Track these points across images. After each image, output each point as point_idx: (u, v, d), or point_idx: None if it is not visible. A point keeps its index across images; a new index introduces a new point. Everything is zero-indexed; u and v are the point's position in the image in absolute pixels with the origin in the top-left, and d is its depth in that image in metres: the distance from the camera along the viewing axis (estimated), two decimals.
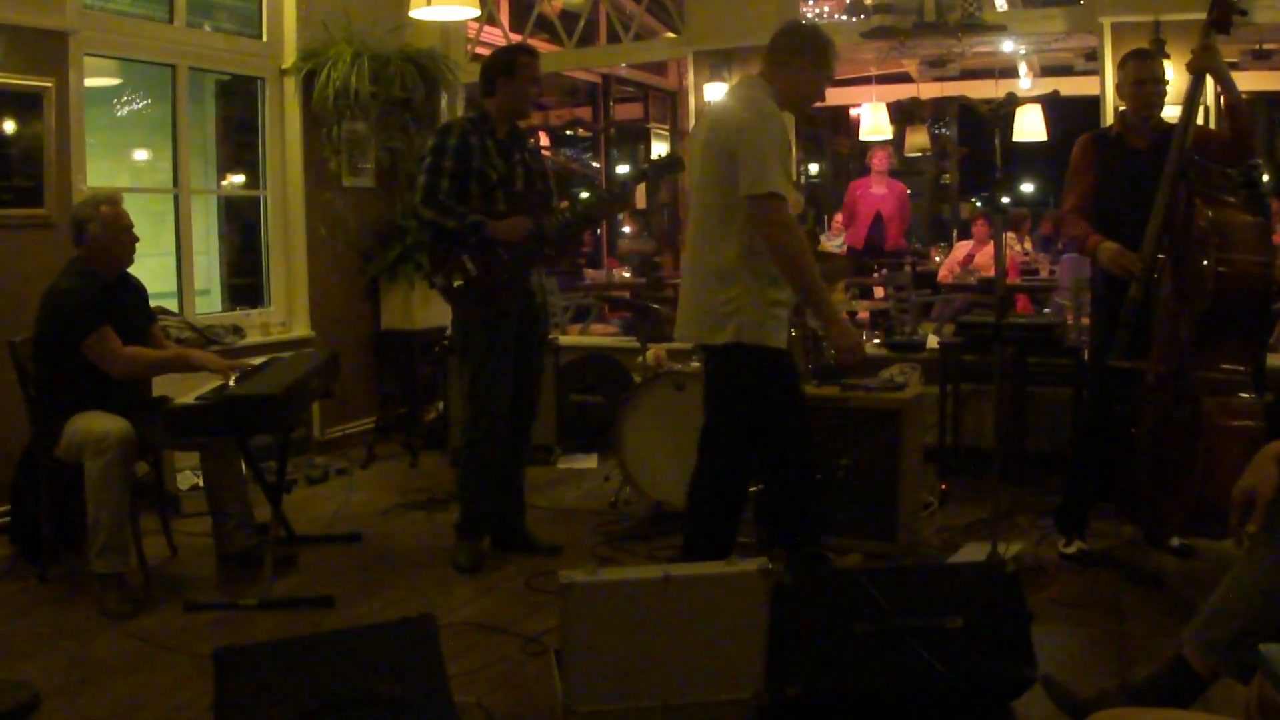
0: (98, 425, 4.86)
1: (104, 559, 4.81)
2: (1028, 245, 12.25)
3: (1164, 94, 5.09)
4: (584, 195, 6.08)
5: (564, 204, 5.52)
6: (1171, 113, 6.17)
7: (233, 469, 5.43)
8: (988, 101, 5.55)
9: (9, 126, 6.04)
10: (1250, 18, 6.54)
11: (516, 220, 5.22)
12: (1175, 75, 6.61)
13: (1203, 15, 4.69)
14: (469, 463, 5.44)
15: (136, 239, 5.25)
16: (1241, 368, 4.42)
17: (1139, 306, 4.72)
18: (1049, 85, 10.04)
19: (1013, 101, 5.15)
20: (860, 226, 11.35)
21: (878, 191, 11.36)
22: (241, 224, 8.63)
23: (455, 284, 5.26)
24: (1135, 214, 4.77)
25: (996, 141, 5.11)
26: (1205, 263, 4.37)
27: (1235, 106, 4.77)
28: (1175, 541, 5.15)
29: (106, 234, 5.11)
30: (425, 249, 5.56)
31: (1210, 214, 4.42)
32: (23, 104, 6.08)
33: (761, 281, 4.19)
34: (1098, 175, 5.10)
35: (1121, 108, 5.17)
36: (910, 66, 12.40)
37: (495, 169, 5.27)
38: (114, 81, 8.07)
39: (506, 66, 5.27)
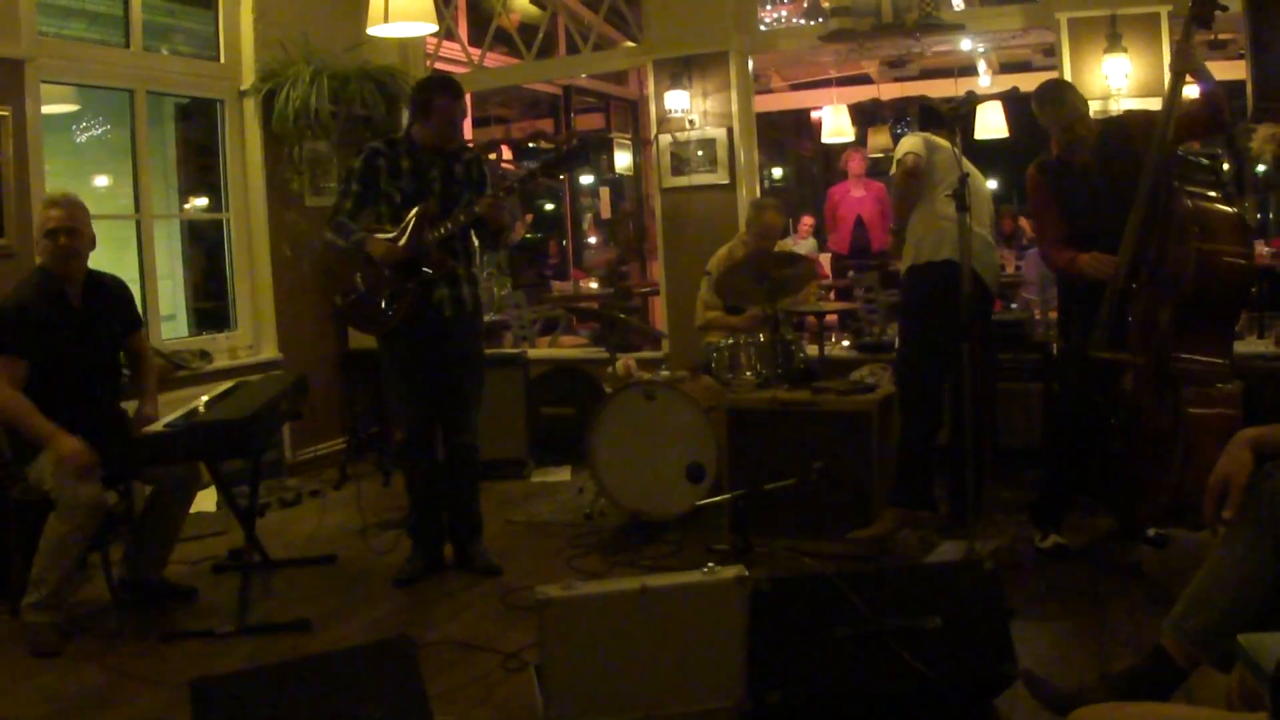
0: (71, 488, 4.69)
1: (40, 613, 4.70)
2: None
3: (1091, 129, 5.11)
4: (549, 207, 6.09)
5: (529, 218, 5.54)
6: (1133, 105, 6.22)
7: (182, 510, 5.29)
8: (948, 100, 5.57)
9: None
10: None
11: (390, 246, 5.19)
12: (1134, 69, 6.67)
13: (1157, 8, 4.70)
14: (404, 475, 5.66)
15: (68, 244, 4.87)
16: (1220, 359, 4.46)
17: (1119, 298, 4.74)
18: (1008, 82, 10.10)
19: (972, 100, 5.22)
20: (843, 231, 11.35)
21: (856, 194, 11.37)
22: (205, 247, 8.60)
23: (337, 302, 5.44)
24: (1107, 226, 4.82)
25: (957, 140, 5.13)
26: (1186, 251, 4.41)
27: (1212, 93, 4.77)
28: (1151, 532, 5.18)
29: (36, 238, 4.96)
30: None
31: (1190, 204, 4.46)
32: None
33: None
34: (1060, 203, 5.14)
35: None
36: (870, 68, 12.45)
37: (400, 190, 5.29)
38: (72, 108, 8.03)
39: (423, 107, 5.32)
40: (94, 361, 5.04)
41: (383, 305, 5.27)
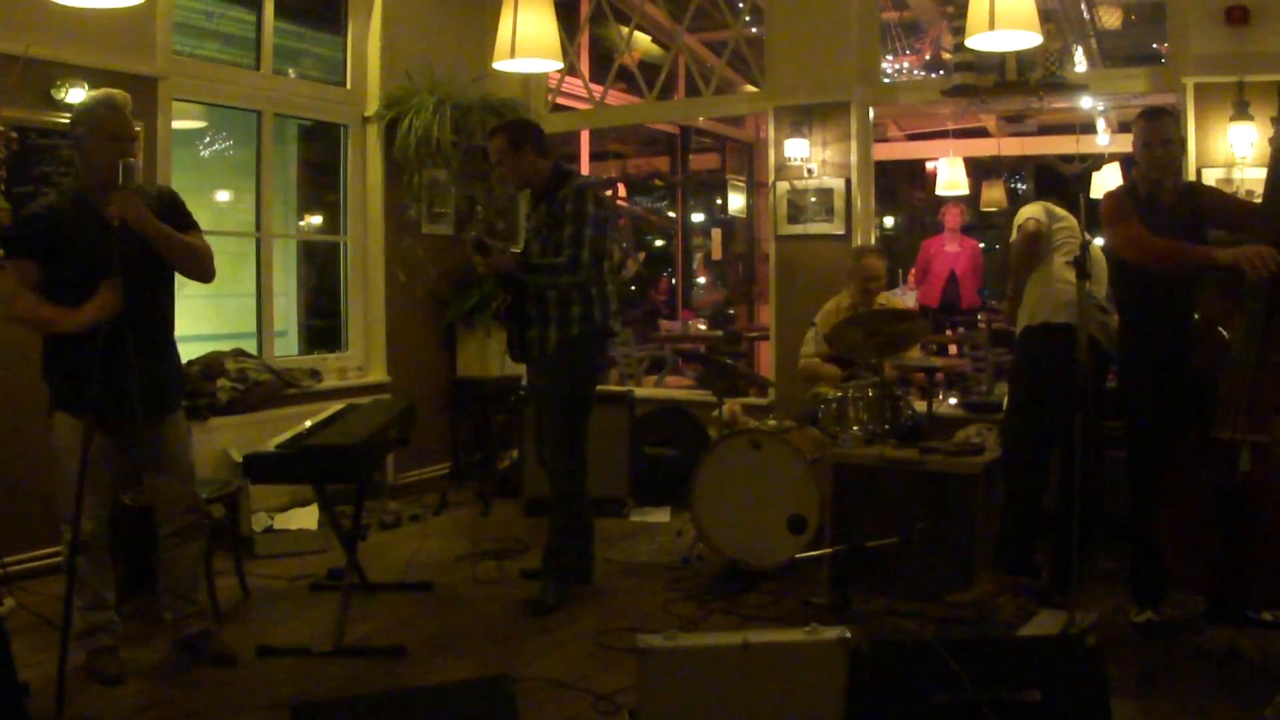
0: (82, 510, 4.19)
1: (84, 640, 4.50)
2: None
3: (1177, 156, 5.12)
4: (659, 243, 6.16)
5: (641, 255, 5.64)
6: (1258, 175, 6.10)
7: (192, 560, 4.83)
8: (1067, 159, 5.54)
9: None
10: None
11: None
12: (1259, 137, 6.56)
13: None
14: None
15: (128, 152, 4.31)
16: None
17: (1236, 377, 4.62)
18: (1128, 142, 9.96)
19: (1099, 162, 5.15)
20: (934, 285, 11.27)
21: (951, 249, 11.29)
22: (318, 266, 8.73)
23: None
24: (1175, 271, 4.80)
25: (1082, 202, 5.10)
26: None
27: None
28: (1267, 615, 4.98)
29: (91, 141, 4.33)
30: None
31: None
32: None
33: None
34: None
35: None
36: (988, 121, 12.35)
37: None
38: (199, 124, 8.22)
39: None
40: (135, 282, 4.30)
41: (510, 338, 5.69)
